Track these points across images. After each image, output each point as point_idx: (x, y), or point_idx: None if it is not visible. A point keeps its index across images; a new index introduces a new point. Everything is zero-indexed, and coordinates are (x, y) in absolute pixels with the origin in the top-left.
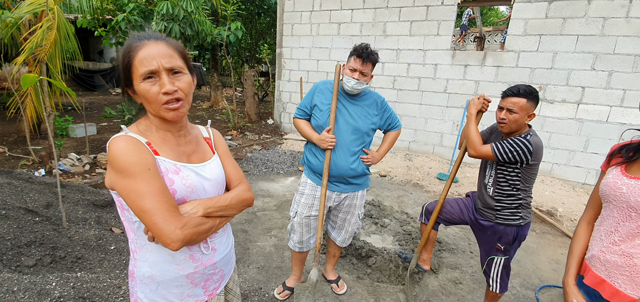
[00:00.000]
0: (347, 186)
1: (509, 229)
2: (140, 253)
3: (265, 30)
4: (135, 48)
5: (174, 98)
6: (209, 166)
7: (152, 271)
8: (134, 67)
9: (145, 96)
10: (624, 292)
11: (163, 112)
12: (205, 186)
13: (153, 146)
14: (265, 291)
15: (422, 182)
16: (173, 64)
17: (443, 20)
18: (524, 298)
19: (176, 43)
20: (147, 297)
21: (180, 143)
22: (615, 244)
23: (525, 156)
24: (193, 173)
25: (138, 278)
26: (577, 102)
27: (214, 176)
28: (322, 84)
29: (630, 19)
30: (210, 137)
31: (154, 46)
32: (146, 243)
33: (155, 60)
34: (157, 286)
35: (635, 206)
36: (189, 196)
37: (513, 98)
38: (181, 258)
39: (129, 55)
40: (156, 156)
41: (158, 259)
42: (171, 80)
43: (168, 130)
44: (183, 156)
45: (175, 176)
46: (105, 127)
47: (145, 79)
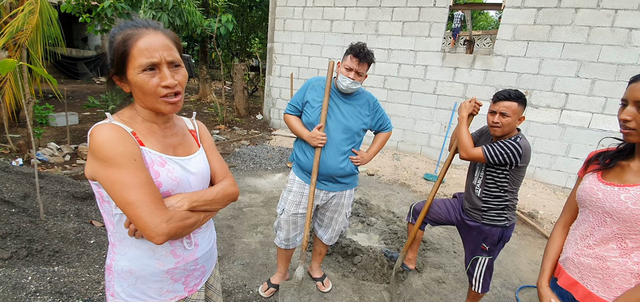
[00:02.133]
0: (335, 185)
1: (495, 229)
2: (119, 247)
3: (257, 24)
4: (133, 36)
5: (173, 92)
6: (195, 160)
7: (131, 265)
8: (131, 56)
9: (143, 88)
10: (596, 295)
11: (160, 104)
12: (190, 179)
13: (138, 136)
14: (250, 288)
15: (409, 182)
16: (174, 57)
17: (434, 22)
18: (505, 298)
19: (172, 34)
20: (125, 291)
21: (166, 135)
22: (589, 248)
23: (515, 158)
24: (179, 166)
25: (116, 272)
26: (560, 108)
27: (199, 170)
28: (315, 81)
29: (615, 28)
30: (196, 129)
31: (154, 36)
32: (126, 237)
33: (158, 53)
34: (135, 281)
35: (610, 212)
36: (174, 189)
37: (506, 102)
38: (162, 253)
39: (126, 44)
40: (142, 146)
41: (138, 254)
42: (172, 74)
43: (154, 121)
44: (169, 148)
45: (161, 168)
46: (88, 116)
47: (144, 71)
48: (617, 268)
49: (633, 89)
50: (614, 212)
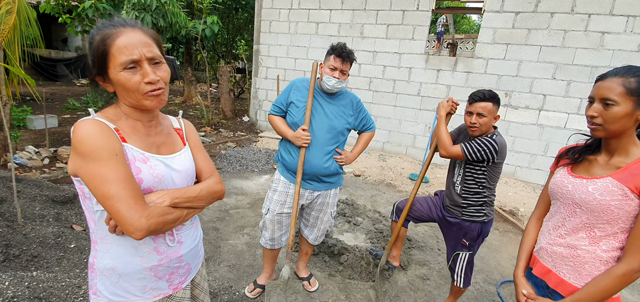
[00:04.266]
0: (320, 184)
1: (474, 225)
2: (101, 244)
3: (243, 25)
4: (111, 35)
5: (156, 87)
6: (179, 158)
7: (113, 263)
8: (111, 55)
9: (126, 86)
10: (567, 281)
11: (144, 100)
12: (174, 177)
13: (121, 133)
14: (236, 289)
15: (395, 182)
16: (153, 53)
17: (418, 26)
18: (487, 292)
19: (151, 31)
20: (108, 289)
21: (150, 133)
22: (561, 237)
23: (492, 154)
24: (162, 164)
25: (98, 270)
26: (538, 109)
27: (183, 168)
28: (299, 82)
29: (588, 32)
30: (182, 128)
31: (132, 34)
32: (108, 234)
33: (137, 50)
34: (118, 278)
35: (579, 203)
36: (156, 186)
37: (481, 103)
38: (145, 250)
39: (105, 43)
40: (124, 142)
41: (120, 251)
42: (153, 70)
43: (139, 119)
44: (152, 147)
45: (143, 165)
46: (68, 119)
47: (125, 69)
48: (587, 256)
49: (599, 87)
50: (582, 203)
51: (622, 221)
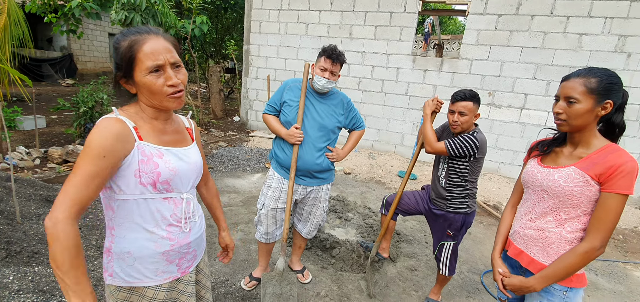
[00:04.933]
0: (312, 180)
1: (458, 216)
2: (118, 230)
3: (232, 25)
4: (138, 41)
5: (177, 90)
6: (190, 151)
7: (130, 247)
8: (138, 60)
9: (151, 88)
10: (537, 260)
11: (167, 101)
12: (185, 169)
13: (139, 131)
14: (232, 282)
15: (384, 180)
16: (175, 58)
17: (405, 27)
18: (471, 281)
19: (171, 38)
20: (123, 271)
21: (166, 131)
22: (531, 221)
23: (473, 150)
24: (175, 157)
25: (115, 253)
26: (520, 108)
27: (193, 161)
28: (292, 82)
29: (567, 34)
30: (191, 127)
31: (157, 41)
32: (125, 221)
33: (162, 55)
34: (133, 261)
35: (547, 190)
36: (172, 178)
37: (462, 102)
38: (159, 236)
39: (133, 49)
40: (140, 141)
41: (137, 237)
42: (175, 74)
43: (156, 118)
44: (168, 142)
45: (159, 160)
46: (56, 120)
47: (151, 72)
48: (554, 237)
49: (564, 87)
50: (549, 190)
51: (584, 205)
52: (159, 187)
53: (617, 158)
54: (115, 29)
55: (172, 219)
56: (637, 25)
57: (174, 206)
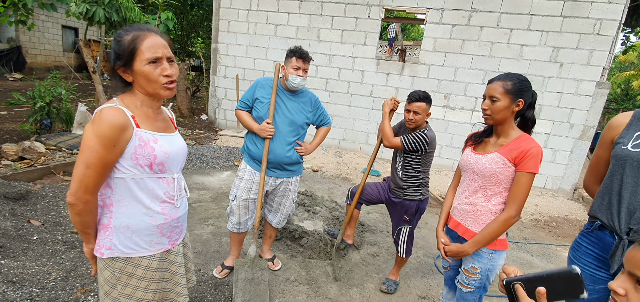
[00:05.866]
0: (282, 172)
1: (413, 203)
2: (117, 206)
3: (198, 23)
4: (140, 36)
5: (171, 80)
6: (176, 137)
7: (128, 221)
8: (139, 51)
9: (149, 76)
10: (470, 229)
11: (161, 90)
12: (176, 151)
13: (136, 120)
14: (204, 272)
15: (350, 176)
16: (170, 54)
17: (369, 32)
18: (426, 264)
19: (166, 37)
20: (122, 243)
21: (157, 119)
22: (466, 198)
23: (424, 145)
24: (167, 142)
25: (114, 228)
26: (472, 110)
27: (180, 145)
28: (264, 80)
29: (510, 44)
30: (173, 117)
31: (156, 38)
32: (124, 197)
33: (160, 49)
34: (131, 234)
35: (477, 171)
36: (166, 160)
37: (417, 103)
38: (155, 211)
39: (135, 42)
40: (138, 128)
41: (135, 211)
42: (170, 66)
43: (150, 106)
44: (160, 129)
45: (155, 145)
46: (6, 116)
47: (150, 63)
48: (483, 209)
49: (489, 88)
50: (479, 172)
51: (504, 183)
52: (154, 168)
53: (526, 145)
54: (69, 22)
55: (165, 196)
56: (568, 38)
57: (166, 184)
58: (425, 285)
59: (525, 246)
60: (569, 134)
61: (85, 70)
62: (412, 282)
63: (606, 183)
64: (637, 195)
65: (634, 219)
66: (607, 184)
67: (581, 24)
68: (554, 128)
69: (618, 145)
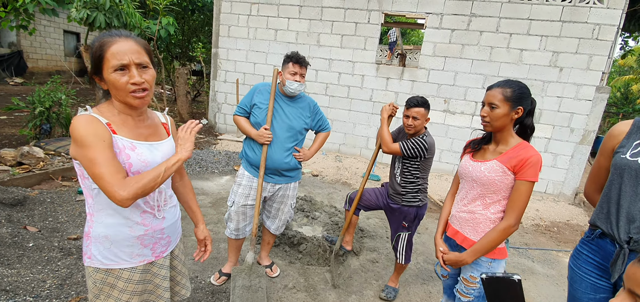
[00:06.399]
0: (281, 178)
1: (411, 209)
2: (97, 216)
3: (199, 28)
4: (107, 43)
5: (140, 88)
6: (164, 145)
7: (107, 232)
8: (105, 59)
9: (115, 85)
10: (469, 238)
11: (129, 98)
12: (158, 161)
13: (112, 126)
14: (202, 278)
15: (350, 181)
16: (141, 59)
17: (369, 37)
18: (426, 270)
19: (143, 41)
20: (101, 254)
21: (138, 126)
22: (465, 206)
23: (423, 151)
24: (148, 150)
25: (93, 237)
26: (472, 114)
27: (166, 154)
28: (262, 86)
29: (510, 49)
30: (167, 122)
31: (125, 43)
32: (103, 207)
33: (127, 56)
34: (110, 244)
35: (475, 179)
36: (143, 169)
37: (415, 108)
38: (134, 222)
39: (102, 49)
40: (114, 134)
41: (113, 222)
42: (139, 73)
43: (129, 114)
44: (140, 136)
45: (131, 152)
46: (5, 121)
47: (116, 70)
48: (481, 218)
49: (488, 95)
50: (477, 179)
51: (503, 191)
52: None
53: (526, 153)
54: (71, 27)
55: (145, 206)
56: (568, 43)
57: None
58: (425, 292)
59: (526, 251)
60: (570, 139)
61: (86, 75)
62: (411, 290)
63: (606, 192)
64: (636, 203)
65: (634, 228)
66: (606, 192)
67: (580, 29)
68: (554, 133)
69: (617, 154)
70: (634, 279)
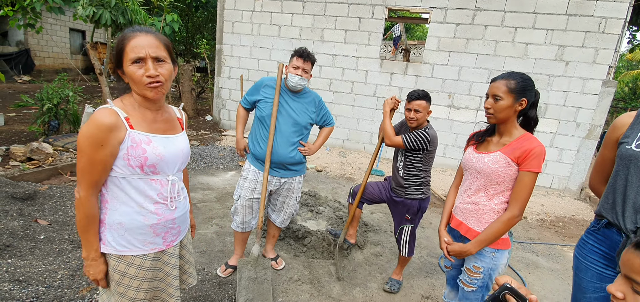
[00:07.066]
0: (286, 172)
1: (414, 202)
2: (111, 203)
3: (203, 24)
4: (128, 37)
5: (155, 80)
6: (178, 139)
7: (121, 219)
8: (125, 52)
9: (132, 77)
10: (473, 229)
11: (145, 90)
12: (173, 153)
13: (131, 121)
14: (208, 270)
15: (354, 176)
16: (158, 53)
17: (373, 32)
18: (430, 264)
19: (163, 37)
20: (115, 240)
21: (156, 119)
22: (468, 197)
23: (425, 144)
24: (162, 144)
25: (108, 224)
26: (476, 109)
27: (180, 147)
28: (268, 80)
29: (515, 43)
30: (182, 117)
31: (144, 37)
32: (118, 195)
33: (144, 49)
34: (124, 232)
35: (479, 171)
36: (158, 163)
37: (417, 101)
38: (148, 211)
39: (122, 43)
40: (131, 129)
41: (128, 210)
42: (155, 67)
43: (148, 107)
44: (158, 130)
45: (147, 147)
46: (14, 117)
47: (133, 63)
48: (485, 209)
49: (492, 87)
50: (481, 171)
51: (507, 182)
52: (146, 170)
53: (530, 144)
54: (77, 25)
55: (158, 197)
56: (574, 36)
57: (160, 186)
58: (428, 285)
59: (530, 246)
60: (576, 133)
61: (92, 72)
62: (415, 282)
63: (611, 183)
64: None
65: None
66: (612, 183)
67: (586, 23)
68: (560, 127)
69: (622, 145)
70: (629, 265)
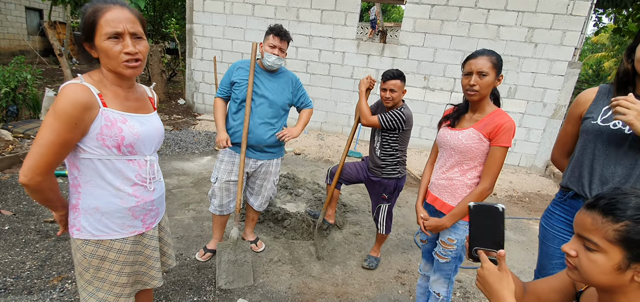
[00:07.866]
0: (263, 154)
1: (391, 181)
2: (85, 187)
3: (171, 2)
4: (101, 9)
5: (134, 58)
6: (152, 118)
7: (97, 203)
8: (99, 25)
9: (108, 53)
10: (448, 203)
11: (121, 68)
12: (149, 133)
13: (103, 98)
14: (187, 255)
15: (332, 159)
16: (136, 29)
17: (349, 12)
18: (406, 241)
19: (137, 12)
20: (91, 225)
21: (128, 98)
22: (443, 173)
23: (401, 123)
24: (139, 123)
25: (82, 209)
26: (450, 91)
27: (155, 126)
28: (241, 63)
29: (488, 25)
30: (153, 96)
31: (120, 11)
32: (91, 178)
33: (122, 24)
34: (101, 216)
35: (453, 147)
36: (135, 142)
37: (392, 80)
38: (126, 193)
39: (95, 15)
40: (105, 107)
41: (104, 194)
42: (133, 43)
43: (119, 85)
44: (131, 108)
45: (123, 125)
46: None
47: (109, 38)
48: (459, 184)
49: (475, 63)
50: (455, 147)
51: (479, 157)
52: (123, 150)
53: (500, 119)
54: (34, 3)
55: (136, 179)
56: (543, 18)
57: (138, 167)
58: (405, 260)
59: None
60: (542, 113)
61: (51, 54)
62: (392, 258)
63: (577, 157)
64: (608, 166)
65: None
66: (578, 157)
67: (555, 4)
68: (528, 107)
69: (587, 120)
70: (581, 224)
